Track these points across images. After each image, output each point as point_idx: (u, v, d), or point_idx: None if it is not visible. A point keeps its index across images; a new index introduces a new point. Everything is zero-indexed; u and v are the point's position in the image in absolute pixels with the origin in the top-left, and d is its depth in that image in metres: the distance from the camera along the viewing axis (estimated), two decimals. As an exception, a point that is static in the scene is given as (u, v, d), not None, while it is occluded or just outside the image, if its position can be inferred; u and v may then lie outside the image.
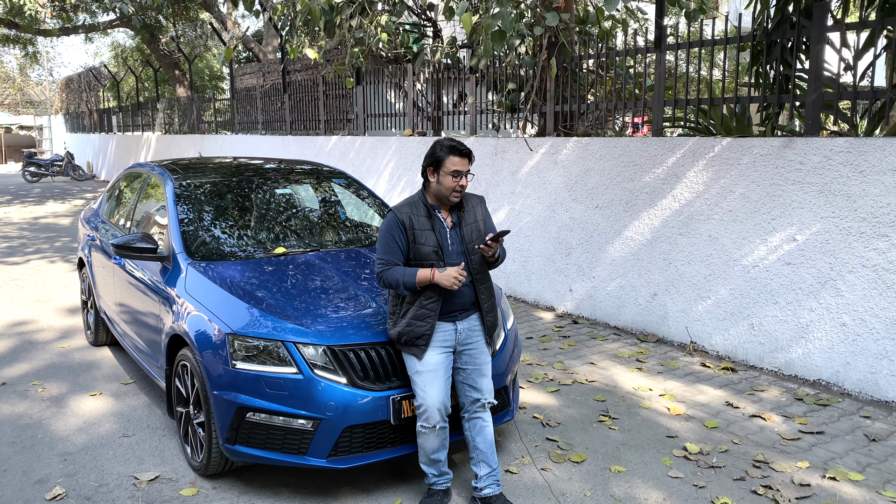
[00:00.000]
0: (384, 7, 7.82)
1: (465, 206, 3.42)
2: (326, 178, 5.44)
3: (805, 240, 4.85)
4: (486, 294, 3.44)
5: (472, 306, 3.41)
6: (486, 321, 3.44)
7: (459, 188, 3.29)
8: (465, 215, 3.41)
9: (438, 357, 3.29)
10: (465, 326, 3.38)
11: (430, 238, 3.30)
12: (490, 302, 3.47)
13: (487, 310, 3.44)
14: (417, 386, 3.28)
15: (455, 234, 3.36)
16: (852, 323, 4.63)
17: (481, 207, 3.51)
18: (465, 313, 3.39)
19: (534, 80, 7.06)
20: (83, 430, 4.28)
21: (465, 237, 3.37)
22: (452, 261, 3.32)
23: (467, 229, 3.38)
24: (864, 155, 4.52)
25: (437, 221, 3.34)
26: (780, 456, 3.87)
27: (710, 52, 5.70)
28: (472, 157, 3.37)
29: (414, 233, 3.29)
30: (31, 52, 25.00)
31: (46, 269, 9.04)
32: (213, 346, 3.48)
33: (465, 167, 3.30)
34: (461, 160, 3.28)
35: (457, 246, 3.35)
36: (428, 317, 3.26)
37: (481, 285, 3.41)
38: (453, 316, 3.35)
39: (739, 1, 7.08)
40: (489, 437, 3.40)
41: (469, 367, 3.39)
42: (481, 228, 3.43)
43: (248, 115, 14.89)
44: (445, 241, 3.33)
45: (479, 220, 3.44)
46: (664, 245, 5.79)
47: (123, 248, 4.26)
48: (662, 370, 5.22)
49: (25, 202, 17.39)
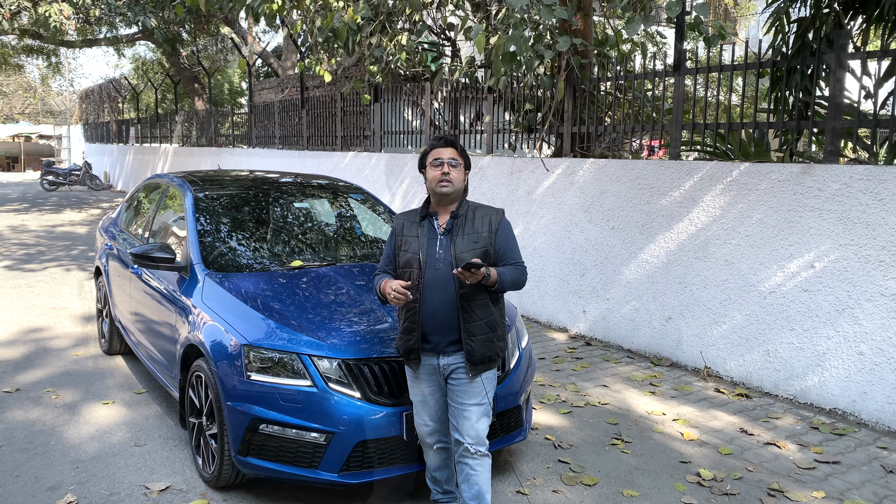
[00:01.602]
0: (404, 26, 7.89)
1: (463, 213, 3.14)
2: (343, 192, 5.47)
3: (823, 267, 4.81)
4: (471, 315, 3.05)
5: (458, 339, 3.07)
6: (467, 347, 3.03)
7: (444, 176, 3.07)
8: (463, 223, 3.12)
9: (427, 389, 3.16)
10: (448, 362, 3.10)
11: (413, 244, 3.12)
12: (477, 325, 3.06)
13: (469, 335, 3.04)
14: (414, 407, 3.24)
15: (446, 242, 3.09)
16: (870, 352, 4.58)
17: (492, 220, 3.14)
18: (452, 346, 3.08)
19: (551, 101, 7.09)
20: (95, 439, 4.29)
21: (456, 247, 3.06)
22: (436, 271, 3.05)
23: (461, 239, 3.08)
24: (883, 183, 4.50)
25: (427, 227, 3.14)
26: (795, 485, 3.82)
27: (730, 76, 5.70)
28: (458, 147, 3.17)
29: (402, 238, 3.18)
30: (53, 62, 25.38)
31: (62, 277, 9.11)
32: (228, 357, 3.49)
33: (447, 155, 3.11)
34: (442, 149, 3.13)
35: (445, 255, 3.06)
36: (413, 330, 3.09)
37: (467, 304, 3.04)
38: (434, 345, 3.08)
39: (758, 27, 7.11)
40: (477, 488, 3.11)
41: (453, 405, 3.14)
42: (485, 242, 3.08)
43: (265, 129, 15.02)
44: (432, 248, 3.08)
45: (482, 232, 3.09)
46: (680, 268, 5.77)
47: (141, 258, 4.29)
48: (676, 395, 5.18)
49: (43, 210, 17.57)
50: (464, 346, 3.05)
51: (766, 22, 6.28)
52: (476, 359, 3.06)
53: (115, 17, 15.08)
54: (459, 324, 3.05)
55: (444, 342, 3.08)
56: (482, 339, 3.07)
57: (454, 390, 3.12)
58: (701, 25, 6.06)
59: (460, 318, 3.05)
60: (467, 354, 3.05)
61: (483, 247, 3.08)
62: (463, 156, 3.17)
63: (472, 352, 3.05)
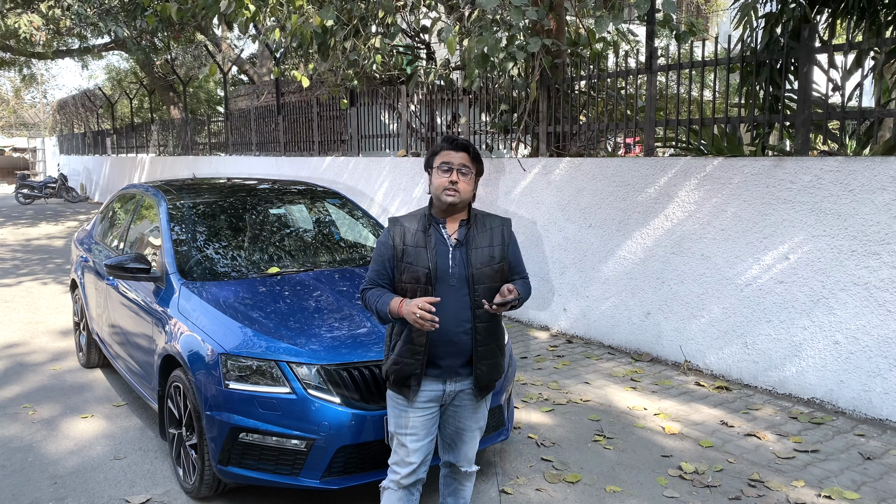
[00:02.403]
0: (378, 29, 7.89)
1: (475, 223, 2.86)
2: (320, 198, 5.46)
3: (797, 258, 4.87)
4: (484, 337, 2.80)
5: (469, 360, 2.81)
6: (477, 372, 2.81)
7: (451, 185, 2.75)
8: (476, 235, 2.83)
9: (419, 420, 2.84)
10: (455, 388, 2.86)
11: (422, 256, 2.76)
12: (489, 348, 2.83)
13: (481, 357, 2.81)
14: (394, 443, 2.90)
15: (460, 256, 2.79)
16: (845, 341, 4.65)
17: (502, 231, 2.90)
18: (458, 375, 2.82)
19: (526, 102, 7.12)
20: (74, 453, 4.24)
21: (472, 261, 2.78)
22: (449, 287, 2.75)
23: (476, 252, 2.79)
24: (853, 174, 4.57)
25: (435, 237, 2.80)
26: (775, 475, 3.87)
27: (701, 72, 5.76)
28: (472, 152, 2.83)
29: (405, 249, 2.80)
30: (26, 74, 25.08)
31: (39, 291, 9.00)
32: (205, 367, 3.46)
33: (458, 160, 2.78)
34: (453, 152, 2.79)
35: (460, 269, 2.77)
36: (418, 353, 2.75)
37: (481, 324, 2.78)
38: (441, 370, 2.80)
39: (729, 22, 7.18)
40: (464, 501, 3.09)
41: (450, 430, 2.95)
42: (496, 255, 2.83)
43: (242, 136, 14.93)
44: (444, 261, 2.77)
45: (495, 244, 2.84)
46: (657, 264, 5.82)
47: (117, 269, 4.25)
48: (657, 389, 5.21)
49: (18, 224, 17.34)
50: (474, 371, 2.81)
51: (735, 17, 6.35)
52: (483, 384, 2.86)
53: (86, 28, 14.92)
54: (473, 346, 2.79)
55: (455, 366, 2.81)
56: (491, 363, 2.86)
57: (456, 415, 2.91)
58: (672, 22, 6.11)
59: (474, 339, 2.78)
60: (476, 380, 2.82)
61: (500, 262, 2.83)
62: (476, 162, 2.84)
63: (482, 376, 2.83)
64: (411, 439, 2.84)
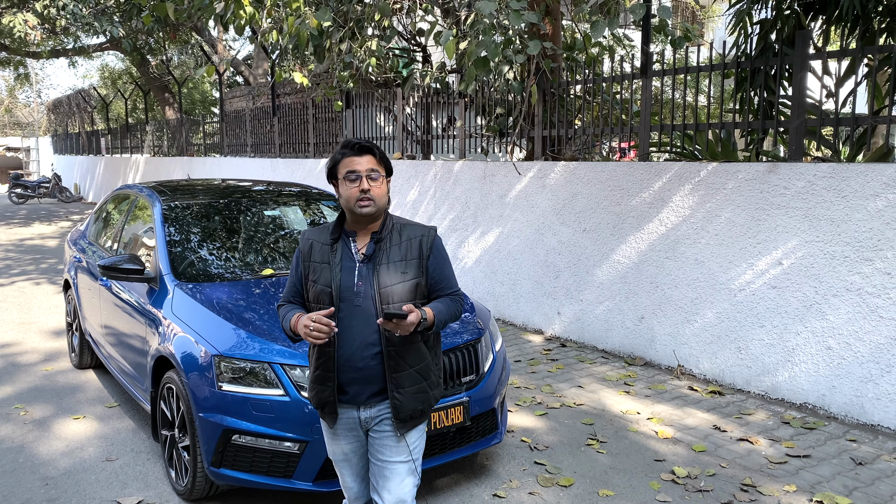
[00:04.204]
0: (374, 32, 7.90)
1: (389, 234, 2.55)
2: (315, 200, 5.45)
3: (790, 264, 4.89)
4: (398, 363, 2.48)
5: (383, 388, 2.51)
6: (394, 402, 2.48)
7: (363, 194, 2.45)
8: (388, 247, 2.52)
9: (348, 446, 2.63)
10: (371, 414, 2.55)
11: (324, 273, 2.50)
12: (406, 374, 2.50)
13: (397, 386, 2.48)
14: (335, 466, 2.73)
15: (366, 272, 2.49)
16: (837, 347, 4.67)
17: (422, 242, 2.55)
18: (374, 398, 2.52)
19: (521, 105, 7.13)
20: (66, 455, 4.22)
21: (380, 277, 2.47)
22: (354, 307, 2.46)
23: (384, 268, 2.48)
24: (846, 180, 4.59)
25: (342, 252, 2.52)
26: (767, 479, 3.88)
27: (696, 78, 5.78)
28: (377, 153, 2.53)
29: (310, 265, 2.55)
30: (21, 73, 25.00)
31: (31, 291, 8.96)
32: (199, 368, 3.46)
33: (365, 166, 2.47)
34: (356, 157, 2.49)
35: (367, 286, 2.47)
36: (326, 380, 2.50)
37: (393, 348, 2.47)
38: (353, 397, 2.52)
39: (724, 28, 7.22)
40: None
41: (373, 461, 2.59)
42: (409, 271, 2.50)
43: (237, 137, 14.91)
44: (349, 278, 2.48)
45: (410, 258, 2.51)
46: (651, 268, 5.83)
47: (110, 270, 4.23)
48: (650, 393, 5.22)
49: (11, 224, 17.28)
50: (390, 400, 2.50)
51: (730, 23, 6.38)
52: (404, 415, 2.51)
53: (82, 27, 14.87)
54: (385, 372, 2.49)
55: (364, 394, 2.51)
56: (412, 390, 2.52)
57: (376, 444, 2.57)
58: (667, 28, 6.14)
59: (385, 365, 2.48)
60: (394, 410, 2.50)
61: (413, 278, 2.51)
62: (383, 163, 2.55)
63: (401, 406, 2.50)
64: (344, 466, 2.67)
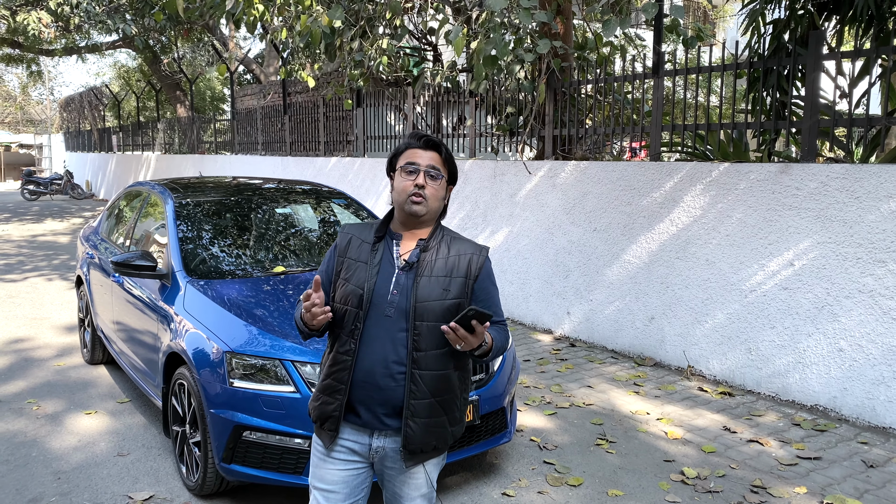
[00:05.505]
0: (385, 31, 7.91)
1: (438, 244, 2.26)
2: (326, 197, 5.47)
3: (802, 265, 4.87)
4: (422, 389, 2.18)
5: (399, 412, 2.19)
6: (406, 430, 2.17)
7: (416, 190, 2.19)
8: (434, 258, 2.23)
9: (338, 474, 2.25)
10: (381, 444, 2.24)
11: (359, 273, 2.22)
12: (428, 403, 2.18)
13: (414, 413, 2.17)
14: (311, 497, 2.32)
15: (405, 280, 2.20)
16: (849, 349, 4.64)
17: (472, 261, 2.26)
18: (385, 428, 2.21)
19: (532, 105, 7.13)
20: (78, 449, 4.25)
21: (419, 289, 2.18)
22: (384, 318, 2.17)
23: (426, 281, 2.19)
24: (860, 181, 4.56)
25: (383, 254, 2.24)
26: (777, 481, 3.86)
27: (708, 78, 5.76)
28: (444, 152, 2.27)
29: (345, 262, 2.27)
30: (34, 70, 25.18)
31: (44, 287, 9.03)
32: (210, 364, 3.48)
33: (427, 161, 2.22)
34: (421, 150, 2.24)
35: (403, 297, 2.18)
36: (337, 391, 2.21)
37: (420, 372, 2.17)
38: (366, 421, 2.21)
39: (736, 28, 7.19)
40: None
41: (387, 491, 2.35)
42: (453, 290, 2.20)
43: (248, 135, 14.97)
44: (384, 284, 2.19)
45: (455, 276, 2.22)
46: (661, 269, 5.81)
47: (123, 266, 4.26)
48: (660, 394, 5.21)
49: (24, 220, 17.40)
50: (403, 429, 2.18)
51: (742, 23, 6.35)
52: (414, 447, 2.20)
53: (95, 25, 14.98)
54: (404, 395, 2.18)
55: (377, 417, 2.20)
56: (429, 422, 2.20)
57: (388, 477, 2.31)
58: (679, 28, 6.12)
59: (407, 388, 2.17)
60: (404, 439, 2.18)
61: (455, 297, 2.21)
62: (448, 164, 2.28)
63: (412, 437, 2.18)
64: (324, 496, 2.26)
